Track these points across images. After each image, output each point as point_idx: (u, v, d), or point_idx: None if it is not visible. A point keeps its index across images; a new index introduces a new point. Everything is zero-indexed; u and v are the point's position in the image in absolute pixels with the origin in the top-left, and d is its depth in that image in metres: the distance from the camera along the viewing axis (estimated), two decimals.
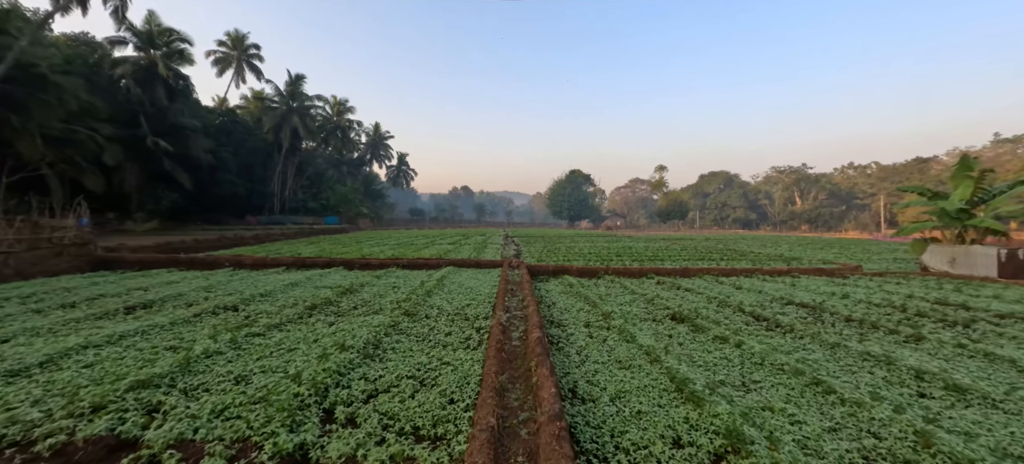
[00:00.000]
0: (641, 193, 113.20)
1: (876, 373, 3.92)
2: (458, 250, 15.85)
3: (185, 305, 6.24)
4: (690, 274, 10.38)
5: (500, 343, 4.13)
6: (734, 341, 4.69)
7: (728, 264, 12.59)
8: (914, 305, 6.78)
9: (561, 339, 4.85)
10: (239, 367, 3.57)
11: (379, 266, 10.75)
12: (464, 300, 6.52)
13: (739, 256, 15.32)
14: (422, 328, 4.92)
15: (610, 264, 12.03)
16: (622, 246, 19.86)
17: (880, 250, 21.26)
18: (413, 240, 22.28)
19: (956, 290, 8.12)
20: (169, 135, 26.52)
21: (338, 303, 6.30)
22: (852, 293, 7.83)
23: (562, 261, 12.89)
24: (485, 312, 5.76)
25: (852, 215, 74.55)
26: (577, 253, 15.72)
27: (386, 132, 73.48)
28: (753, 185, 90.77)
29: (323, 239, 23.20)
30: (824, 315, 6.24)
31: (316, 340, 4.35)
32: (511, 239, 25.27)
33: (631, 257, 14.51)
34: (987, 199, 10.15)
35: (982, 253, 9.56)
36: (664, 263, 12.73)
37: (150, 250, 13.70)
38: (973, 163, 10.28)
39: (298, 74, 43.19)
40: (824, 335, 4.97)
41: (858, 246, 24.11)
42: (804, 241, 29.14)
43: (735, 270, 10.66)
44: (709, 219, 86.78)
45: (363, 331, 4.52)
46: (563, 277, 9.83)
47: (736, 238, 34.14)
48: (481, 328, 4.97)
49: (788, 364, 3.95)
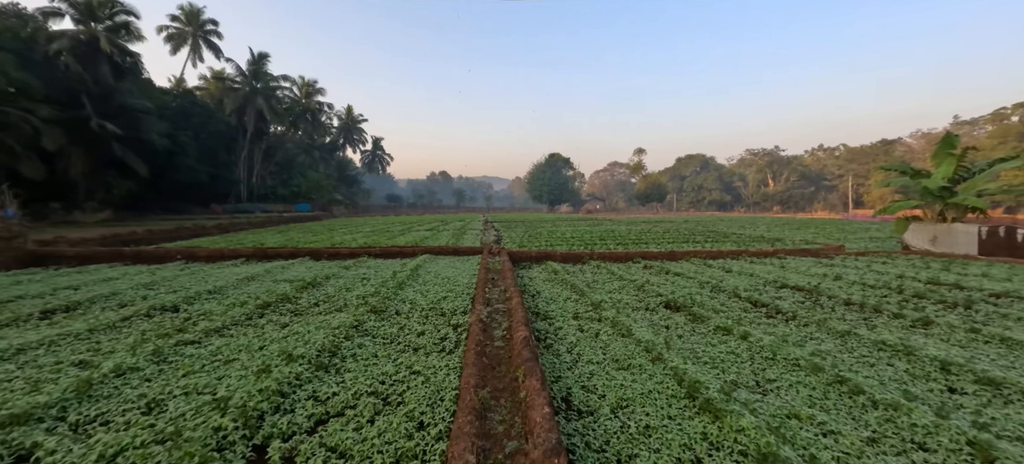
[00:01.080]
0: (620, 176, 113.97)
1: (897, 365, 3.55)
2: (436, 237, 15.14)
3: (116, 307, 5.41)
4: (677, 258, 10.04)
5: (480, 344, 3.56)
6: (739, 332, 4.26)
7: (713, 246, 12.36)
8: (909, 286, 6.57)
9: (549, 335, 4.32)
10: (156, 389, 2.88)
11: (349, 255, 9.98)
12: (440, 293, 5.90)
13: (722, 238, 15.18)
14: (391, 328, 4.29)
15: (595, 249, 11.60)
16: (605, 230, 19.54)
17: (854, 229, 21.68)
18: (389, 227, 21.38)
19: (944, 269, 8.02)
20: (117, 117, 24.40)
21: (296, 300, 5.58)
22: (844, 274, 7.61)
23: (544, 246, 12.38)
24: (463, 306, 5.16)
25: (821, 196, 77.04)
26: (559, 237, 15.27)
27: (359, 115, 70.96)
28: (728, 168, 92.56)
29: (292, 227, 22.01)
30: (822, 299, 5.93)
31: (261, 348, 3.66)
32: (491, 224, 24.65)
33: (615, 240, 14.15)
34: (968, 177, 10.17)
35: (963, 231, 9.57)
36: (649, 246, 12.40)
37: (93, 243, 12.45)
38: (955, 141, 10.25)
39: (261, 53, 40.70)
40: (831, 322, 4.61)
41: (832, 226, 24.59)
42: (779, 222, 29.64)
43: (722, 252, 10.39)
44: (686, 201, 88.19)
45: (319, 335, 3.86)
46: (546, 263, 9.31)
47: (714, 220, 34.51)
48: (459, 325, 4.38)
49: (803, 358, 3.54)
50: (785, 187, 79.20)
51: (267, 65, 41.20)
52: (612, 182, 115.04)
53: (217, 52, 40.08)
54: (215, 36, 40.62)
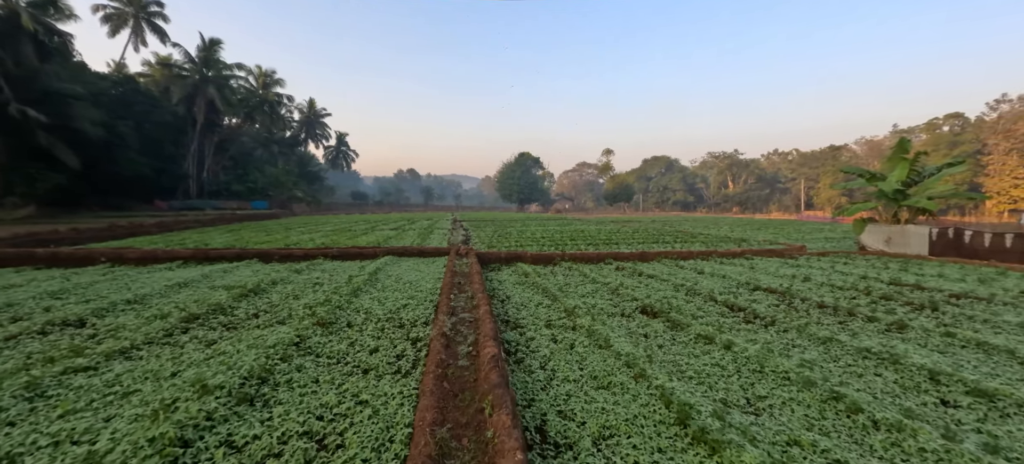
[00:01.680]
0: (588, 177, 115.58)
1: (886, 375, 3.37)
2: (400, 237, 14.42)
3: (9, 321, 4.53)
4: (648, 258, 9.90)
5: (442, 364, 3.08)
6: (721, 341, 4.00)
7: (682, 247, 12.37)
8: (874, 287, 6.62)
9: (520, 347, 3.90)
10: (17, 436, 2.23)
11: (303, 257, 9.18)
12: (400, 299, 5.36)
13: (690, 238, 15.33)
14: (339, 344, 3.73)
15: (565, 249, 11.31)
16: (574, 229, 19.39)
17: (809, 230, 22.64)
18: (351, 226, 20.35)
19: (903, 269, 8.24)
20: (42, 103, 21.89)
21: (232, 310, 4.88)
22: (811, 275, 7.64)
23: (514, 246, 11.99)
24: (425, 315, 4.66)
25: (776, 197, 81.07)
26: (529, 237, 14.92)
27: (322, 109, 68.17)
28: (691, 169, 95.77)
29: (245, 226, 20.54)
30: (795, 302, 5.84)
31: (174, 375, 3.03)
32: (459, 223, 24.03)
33: (586, 241, 13.95)
34: (919, 181, 10.63)
35: (915, 232, 9.97)
36: (620, 247, 12.26)
37: (3, 243, 10.93)
38: (908, 146, 10.70)
39: (213, 39, 37.97)
40: (811, 328, 4.44)
41: (789, 226, 25.62)
42: (741, 222, 30.65)
43: (692, 253, 10.34)
44: (652, 201, 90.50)
45: (250, 355, 3.26)
46: (517, 265, 8.91)
47: (680, 219, 35.34)
48: (418, 339, 3.88)
49: (792, 371, 3.29)
50: (744, 189, 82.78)
51: (219, 52, 38.52)
52: (581, 182, 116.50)
53: (162, 36, 37.06)
54: (160, 19, 37.54)
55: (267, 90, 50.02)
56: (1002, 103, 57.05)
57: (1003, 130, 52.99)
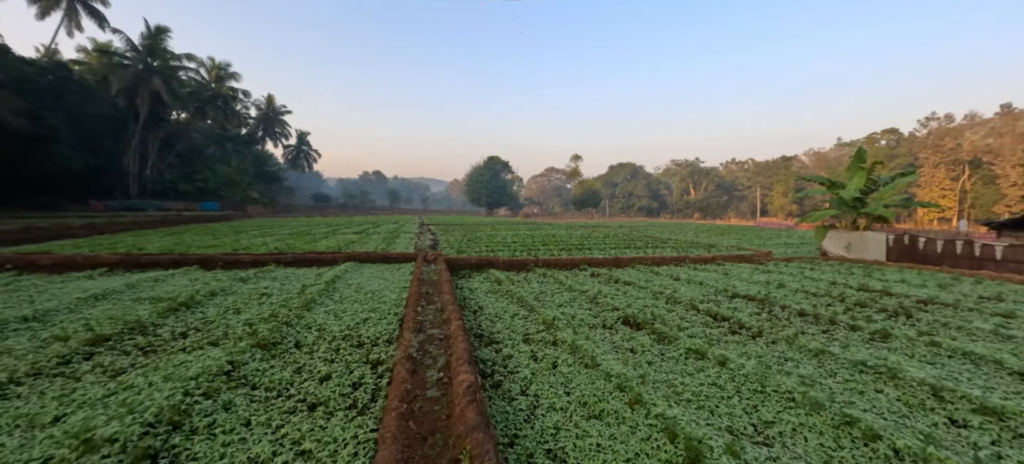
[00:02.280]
0: (557, 182, 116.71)
1: (888, 393, 3.17)
2: (364, 241, 13.60)
3: None
4: (623, 264, 9.69)
5: (407, 396, 2.58)
6: (714, 356, 3.72)
7: (654, 252, 12.32)
8: (847, 294, 6.65)
9: (497, 367, 3.45)
10: None
11: (252, 263, 8.31)
12: (360, 312, 4.77)
13: (660, 243, 15.39)
14: (282, 371, 3.13)
15: (538, 254, 10.95)
16: (545, 234, 19.13)
17: (769, 235, 23.51)
18: (311, 229, 19.17)
19: (867, 275, 8.44)
20: None
21: (155, 329, 4.13)
22: (785, 281, 7.65)
23: (485, 251, 11.51)
24: (389, 332, 4.11)
25: (734, 204, 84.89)
26: (500, 242, 14.48)
27: (282, 106, 65.11)
28: (655, 176, 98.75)
29: (190, 229, 18.91)
30: (775, 309, 5.71)
31: (56, 421, 2.36)
32: (427, 227, 23.24)
33: (557, 245, 13.67)
34: (874, 189, 11.09)
35: (873, 239, 10.35)
36: (593, 252, 12.04)
37: None
38: (865, 156, 11.15)
39: (160, 26, 35.18)
40: (801, 340, 4.25)
41: (750, 232, 26.54)
42: (704, 228, 31.53)
43: (665, 259, 10.25)
44: (617, 207, 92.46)
45: (163, 391, 2.62)
46: (488, 272, 8.45)
47: (646, 225, 35.99)
48: (380, 362, 3.34)
49: (794, 390, 3.02)
50: (705, 196, 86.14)
51: (167, 41, 35.71)
52: (549, 187, 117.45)
53: (100, 20, 33.91)
54: (98, 2, 34.40)
55: (220, 84, 47.03)
56: (931, 120, 62.45)
57: (932, 145, 57.96)
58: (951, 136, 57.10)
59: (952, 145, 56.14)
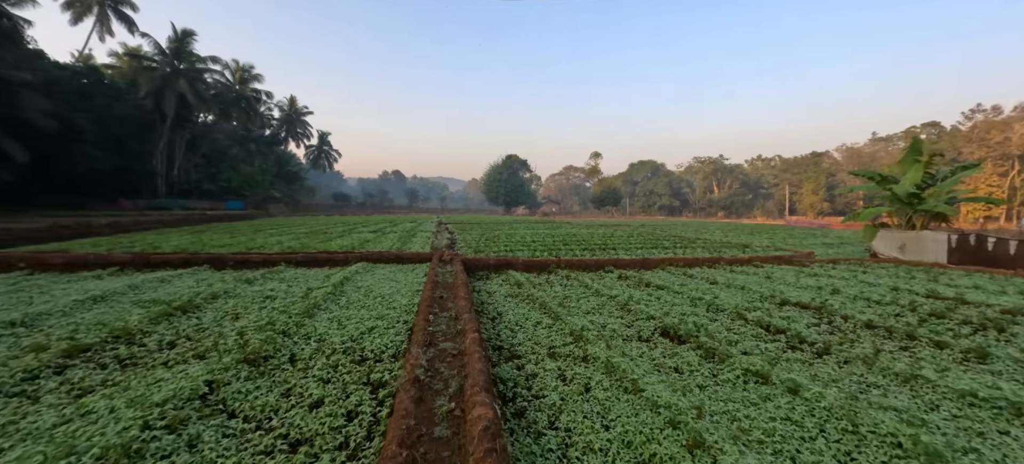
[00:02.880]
0: (575, 180, 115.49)
1: (1020, 435, 2.49)
2: (379, 240, 13.27)
3: None
4: (652, 265, 9.01)
5: (408, 438, 2.06)
6: (780, 380, 3.08)
7: (683, 252, 11.56)
8: (917, 302, 5.84)
9: (519, 388, 2.92)
10: None
11: (262, 263, 8.00)
12: (366, 320, 4.30)
13: (688, 243, 14.57)
14: (267, 394, 2.66)
15: (559, 254, 10.36)
16: (565, 233, 18.49)
17: (802, 234, 22.26)
18: (328, 228, 19.05)
19: (932, 280, 7.54)
20: None
21: (143, 337, 3.75)
22: (838, 286, 6.85)
23: (504, 251, 10.98)
24: (395, 345, 3.62)
25: (760, 202, 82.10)
26: (519, 241, 13.93)
27: (304, 107, 66.24)
28: (677, 174, 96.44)
29: (211, 228, 19.05)
30: (836, 320, 4.99)
31: None
32: (445, 226, 22.90)
33: (579, 245, 13.03)
34: (932, 184, 10.07)
35: (932, 238, 9.37)
36: (617, 252, 11.37)
37: None
38: (922, 146, 10.13)
39: (186, 30, 36.00)
40: (881, 360, 3.56)
41: (781, 231, 25.26)
42: (732, 227, 30.29)
43: (697, 260, 9.51)
44: (637, 206, 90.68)
45: (122, 420, 2.18)
46: (507, 273, 7.91)
47: (669, 224, 34.85)
48: (381, 385, 2.84)
49: (898, 432, 2.38)
50: (729, 194, 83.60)
51: (193, 44, 36.52)
52: (567, 185, 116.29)
53: (131, 25, 34.93)
54: (128, 7, 35.42)
55: (244, 85, 47.96)
56: (976, 113, 58.83)
57: (977, 139, 54.55)
58: (999, 129, 53.55)
59: (1000, 138, 52.65)
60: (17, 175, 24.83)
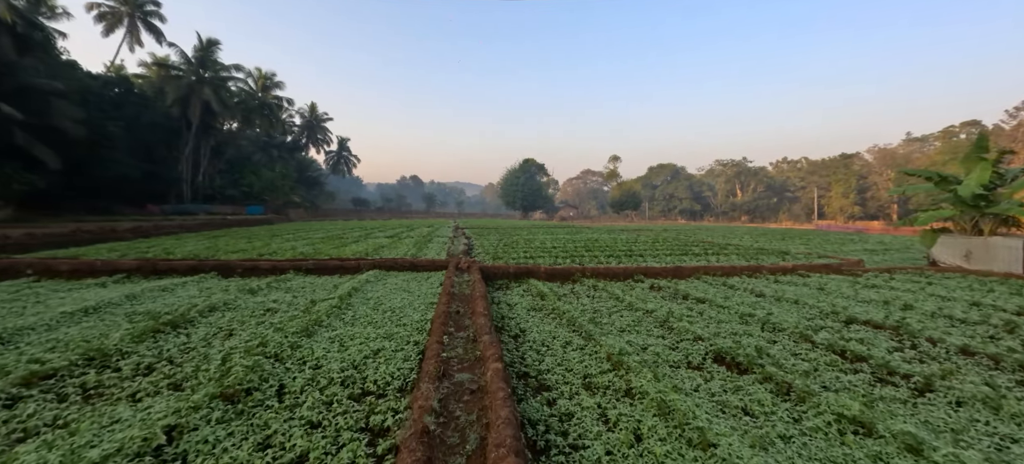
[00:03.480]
0: (593, 184, 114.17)
1: None
2: (395, 246, 12.86)
3: None
4: (685, 274, 8.27)
5: None
6: (888, 431, 2.39)
7: (716, 259, 10.74)
8: (1012, 321, 4.97)
9: (552, 434, 2.33)
10: None
11: (271, 270, 7.61)
12: (371, 341, 3.76)
13: (718, 249, 13.68)
14: (238, 448, 2.13)
15: (583, 261, 9.71)
16: (587, 238, 17.77)
17: (839, 240, 20.95)
18: (345, 232, 18.82)
19: (1015, 293, 6.60)
20: (18, 98, 20.60)
21: (121, 359, 3.30)
22: (908, 301, 6.00)
23: (523, 258, 10.39)
24: (403, 374, 3.06)
25: (785, 206, 79.23)
26: (539, 247, 13.32)
27: (324, 114, 67.24)
28: (697, 177, 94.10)
29: (230, 232, 19.07)
30: (920, 343, 4.21)
31: None
32: (461, 230, 22.47)
33: (603, 251, 12.33)
34: (1001, 184, 9.03)
35: (1004, 245, 8.34)
36: (645, 259, 10.63)
37: None
38: (987, 142, 9.09)
39: (211, 39, 36.84)
40: (1009, 404, 2.81)
41: (817, 236, 23.94)
42: (760, 232, 28.97)
43: (735, 268, 8.72)
44: (656, 210, 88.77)
45: None
46: (528, 282, 7.32)
47: (693, 228, 33.64)
48: (382, 433, 2.28)
49: None
50: (753, 197, 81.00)
51: (217, 53, 37.36)
52: (585, 190, 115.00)
53: (159, 36, 35.99)
54: (156, 18, 36.50)
55: (267, 93, 48.89)
56: (1021, 111, 55.38)
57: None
58: None
59: None
60: (51, 181, 25.62)
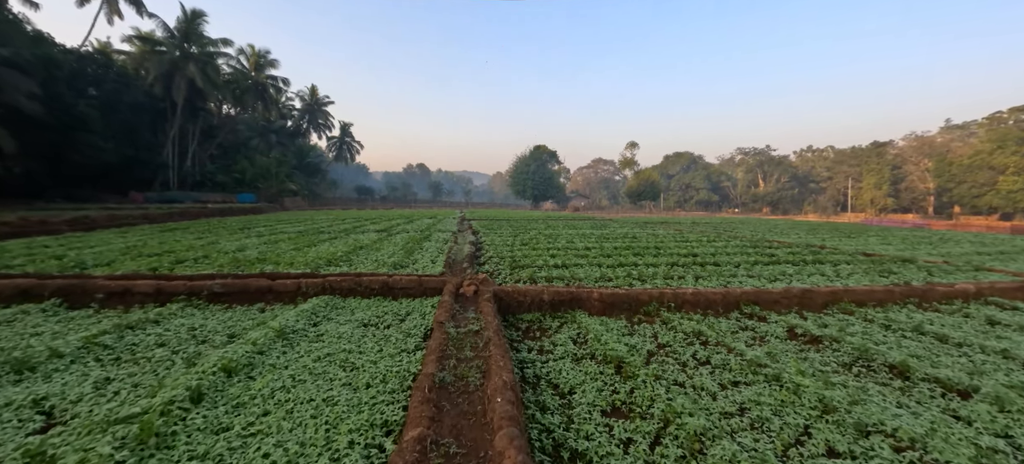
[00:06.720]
0: (604, 173, 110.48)
1: None
2: (379, 246, 10.03)
3: None
4: (817, 305, 5.32)
5: None
6: None
7: (811, 268, 7.72)
8: None
9: None
10: None
11: (152, 295, 4.78)
12: None
13: (793, 250, 10.63)
14: None
15: (640, 274, 6.77)
16: (620, 234, 14.76)
17: (914, 238, 17.70)
18: (330, 225, 16.05)
19: None
20: None
21: None
22: None
23: (550, 264, 7.48)
24: None
25: (809, 197, 75.15)
26: (565, 248, 10.39)
27: (325, 97, 64.35)
28: (716, 166, 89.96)
29: (197, 224, 16.41)
30: None
31: None
32: (468, 223, 19.59)
33: (653, 254, 9.36)
34: None
35: None
36: (720, 267, 7.65)
37: None
38: None
39: (195, 10, 33.88)
40: None
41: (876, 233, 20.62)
42: (803, 226, 25.65)
43: (874, 292, 5.75)
44: (672, 201, 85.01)
45: None
46: (576, 321, 4.44)
47: (725, 222, 30.31)
48: None
49: None
50: (775, 187, 76.99)
51: (203, 26, 34.48)
52: (596, 179, 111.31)
53: (139, 7, 33.05)
54: None
55: (260, 72, 46.03)
56: None
57: None
58: None
59: None
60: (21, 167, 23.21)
